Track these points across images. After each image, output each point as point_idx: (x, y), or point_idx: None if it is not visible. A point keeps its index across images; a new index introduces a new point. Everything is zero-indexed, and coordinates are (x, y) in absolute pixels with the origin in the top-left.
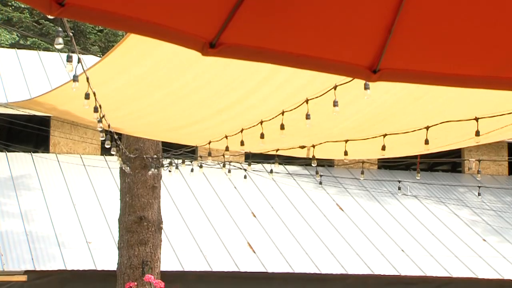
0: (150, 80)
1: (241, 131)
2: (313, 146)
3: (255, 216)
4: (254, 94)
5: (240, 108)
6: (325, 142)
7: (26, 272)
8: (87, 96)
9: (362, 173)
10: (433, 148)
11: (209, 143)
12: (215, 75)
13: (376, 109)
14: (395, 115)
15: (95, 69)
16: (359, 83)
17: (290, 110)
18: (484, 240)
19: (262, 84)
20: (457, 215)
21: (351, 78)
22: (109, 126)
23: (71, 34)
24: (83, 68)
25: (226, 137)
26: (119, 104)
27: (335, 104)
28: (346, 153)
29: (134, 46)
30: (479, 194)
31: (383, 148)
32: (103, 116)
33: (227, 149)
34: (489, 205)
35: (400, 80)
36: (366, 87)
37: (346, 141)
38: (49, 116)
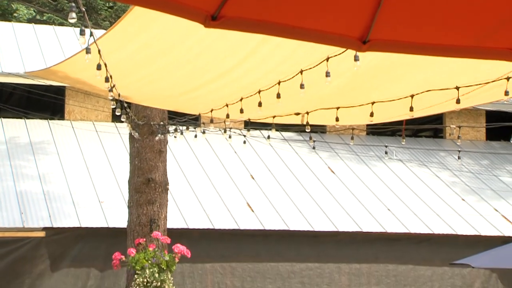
0: (155, 47)
1: (241, 99)
2: (307, 113)
3: (253, 178)
4: (253, 57)
5: (239, 73)
6: (318, 109)
7: (44, 229)
8: (98, 67)
9: (352, 138)
10: (417, 114)
11: (211, 111)
12: (215, 41)
13: (365, 78)
14: (382, 84)
15: (104, 39)
16: (350, 55)
17: (286, 80)
18: (463, 199)
19: (259, 49)
20: (438, 177)
21: (343, 50)
22: (119, 95)
23: (83, 9)
24: (94, 39)
25: (227, 105)
26: (127, 72)
27: (327, 74)
28: (337, 119)
29: (140, 15)
30: (458, 158)
31: (371, 114)
32: (114, 86)
33: (227, 116)
34: (467, 167)
35: (388, 50)
36: (356, 59)
37: (338, 108)
38: (64, 86)
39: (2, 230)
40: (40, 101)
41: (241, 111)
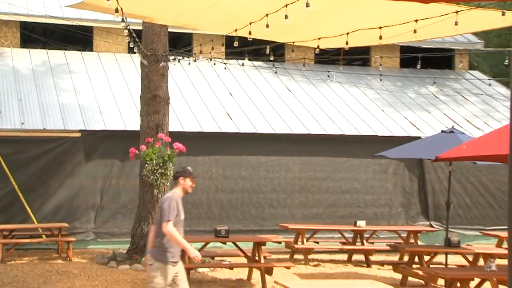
0: None
1: (250, 23)
2: (293, 42)
3: (231, 95)
4: None
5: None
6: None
7: (80, 131)
8: None
9: (304, 65)
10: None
11: (235, 30)
12: None
13: (340, 15)
14: (355, 18)
15: None
16: None
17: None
18: (383, 110)
19: None
20: (365, 94)
21: None
22: (129, 30)
23: None
24: None
25: (236, 30)
26: None
27: (307, 5)
28: (318, 46)
29: None
30: (380, 80)
31: (347, 43)
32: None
33: (250, 33)
34: (386, 87)
35: None
36: None
37: (319, 38)
38: (93, 27)
39: (49, 131)
40: (75, 37)
41: (250, 33)
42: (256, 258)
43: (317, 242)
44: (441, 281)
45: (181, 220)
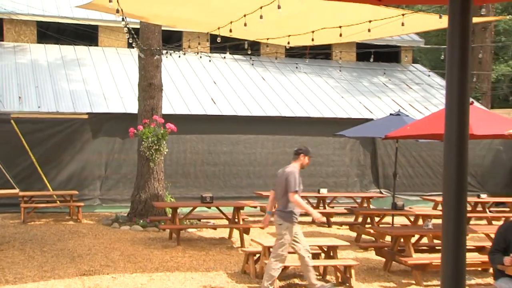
0: None
1: (230, 22)
2: (268, 39)
3: (215, 83)
4: None
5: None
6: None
7: (88, 113)
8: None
9: (276, 58)
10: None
11: (218, 28)
12: None
13: (301, 17)
14: (320, 18)
15: None
16: None
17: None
18: (342, 96)
19: None
20: (327, 83)
21: None
22: (128, 28)
23: None
24: None
25: (219, 28)
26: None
27: (279, 7)
28: (289, 42)
29: None
30: (339, 71)
31: (312, 40)
32: (125, 18)
33: (230, 31)
34: (344, 77)
35: None
36: None
37: (289, 35)
38: (98, 25)
39: (61, 114)
40: (83, 34)
41: (230, 30)
42: (236, 220)
43: None
44: (388, 238)
45: (301, 189)
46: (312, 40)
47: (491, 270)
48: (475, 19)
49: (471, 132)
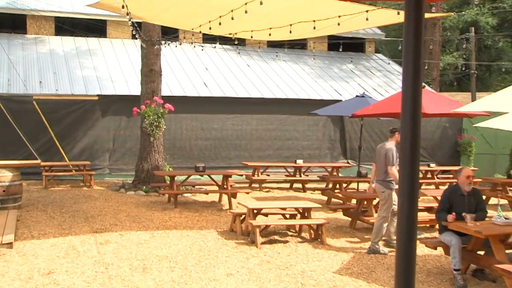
0: None
1: (220, 16)
2: (252, 31)
3: (207, 69)
4: None
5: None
6: (251, 31)
7: (98, 95)
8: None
9: (259, 48)
10: (320, 33)
11: (209, 21)
12: None
13: (281, 13)
14: (296, 15)
15: None
16: None
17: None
18: (315, 81)
19: None
20: (303, 69)
21: None
22: (132, 20)
23: None
24: None
25: (200, 25)
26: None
27: (261, 3)
28: (270, 34)
29: None
30: (313, 59)
31: (290, 32)
32: (129, 13)
33: (210, 28)
34: (317, 64)
35: None
36: None
37: (270, 28)
38: (106, 20)
39: (75, 96)
40: (94, 28)
41: (210, 28)
42: (225, 186)
43: (268, 175)
44: (353, 201)
45: (397, 163)
46: (290, 32)
47: (437, 226)
48: (427, 15)
49: (423, 111)
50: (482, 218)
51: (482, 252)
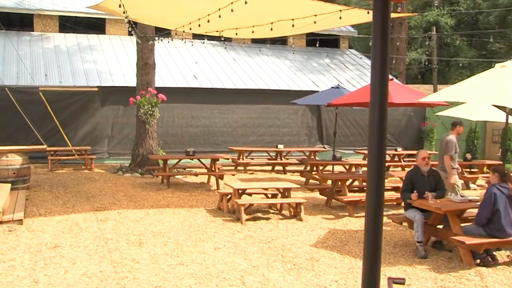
0: None
1: (208, 14)
2: (237, 28)
3: (196, 63)
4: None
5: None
6: (236, 28)
7: (98, 87)
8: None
9: (244, 43)
10: (299, 31)
11: (199, 19)
12: None
13: (263, 12)
14: (276, 14)
15: None
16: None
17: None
18: (295, 73)
19: None
20: (284, 63)
21: None
22: (128, 19)
23: None
24: None
25: (183, 26)
26: (141, 4)
27: (246, 2)
28: (253, 32)
29: None
30: (293, 54)
31: (271, 29)
32: (126, 13)
33: (190, 29)
34: (297, 59)
35: None
36: None
37: (253, 26)
38: (105, 18)
39: (77, 87)
40: (94, 25)
41: (199, 25)
42: (213, 169)
43: (252, 159)
44: (329, 182)
45: (457, 153)
46: (271, 30)
47: (402, 204)
48: (393, 15)
49: (391, 101)
50: (441, 196)
51: (441, 226)
